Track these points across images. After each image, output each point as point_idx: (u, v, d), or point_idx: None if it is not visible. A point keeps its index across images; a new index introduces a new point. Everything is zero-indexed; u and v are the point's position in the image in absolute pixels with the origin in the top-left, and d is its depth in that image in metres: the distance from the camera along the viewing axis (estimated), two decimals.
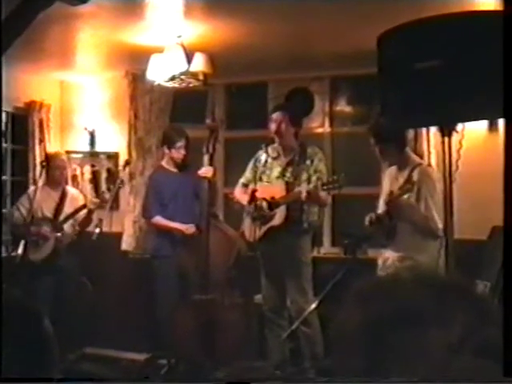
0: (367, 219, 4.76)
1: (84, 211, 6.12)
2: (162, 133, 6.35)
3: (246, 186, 5.52)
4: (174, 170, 6.02)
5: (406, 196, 4.47)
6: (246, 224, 5.39)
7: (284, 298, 5.43)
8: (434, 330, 0.97)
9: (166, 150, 6.02)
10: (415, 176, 4.51)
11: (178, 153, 5.93)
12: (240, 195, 5.49)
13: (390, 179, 4.87)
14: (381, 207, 4.82)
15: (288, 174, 5.31)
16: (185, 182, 5.93)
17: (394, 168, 4.85)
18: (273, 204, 5.20)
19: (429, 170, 4.81)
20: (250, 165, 5.52)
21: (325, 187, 4.92)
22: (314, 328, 5.21)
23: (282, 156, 5.42)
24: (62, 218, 6.16)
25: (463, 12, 2.54)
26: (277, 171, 5.38)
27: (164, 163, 6.10)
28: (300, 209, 5.24)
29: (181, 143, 5.91)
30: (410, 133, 5.71)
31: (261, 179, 5.43)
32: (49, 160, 6.33)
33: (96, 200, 6.12)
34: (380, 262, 4.82)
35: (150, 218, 6.06)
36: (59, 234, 6.08)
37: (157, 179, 6.10)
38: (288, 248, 5.25)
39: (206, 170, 5.59)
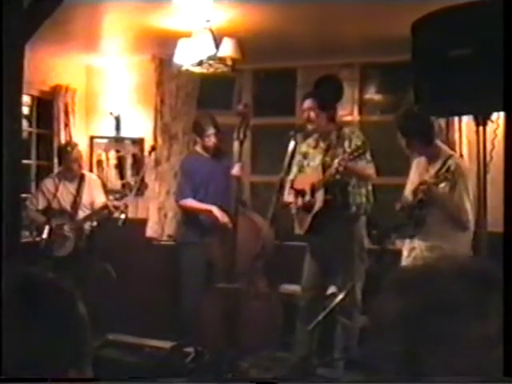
0: (398, 206, 4.75)
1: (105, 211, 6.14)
2: (193, 121, 6.37)
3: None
4: (207, 155, 6.06)
5: (442, 185, 4.44)
6: (295, 219, 5.41)
7: (324, 289, 5.40)
8: (472, 322, 0.97)
9: (197, 138, 6.07)
10: (451, 165, 4.48)
11: (209, 141, 5.97)
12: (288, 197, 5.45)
13: (418, 170, 4.84)
14: (407, 197, 4.79)
15: (328, 158, 5.29)
16: (216, 168, 5.97)
17: (423, 159, 4.82)
18: (312, 191, 5.19)
19: (462, 162, 4.79)
20: (295, 160, 5.45)
21: (351, 156, 4.89)
22: (353, 320, 5.18)
23: (321, 142, 5.42)
24: (80, 214, 6.19)
25: None
26: (318, 159, 5.37)
27: (198, 148, 6.15)
28: (344, 191, 5.20)
29: (210, 131, 5.94)
30: (441, 123, 5.67)
31: (305, 171, 5.44)
32: (65, 150, 6.35)
33: (118, 204, 6.10)
34: (405, 251, 4.81)
35: (183, 199, 6.09)
36: (79, 233, 6.11)
37: (189, 163, 6.16)
38: (337, 236, 5.17)
39: (237, 170, 5.58)
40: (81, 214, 6.23)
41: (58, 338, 1.20)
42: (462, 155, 5.49)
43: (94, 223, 6.23)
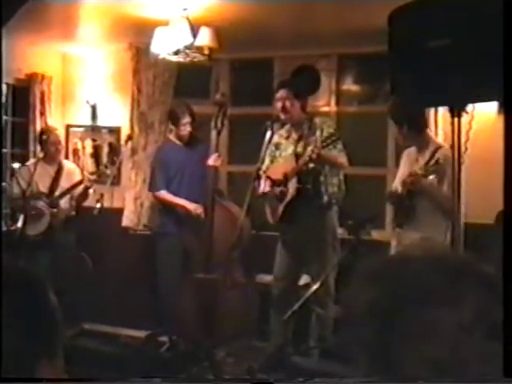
0: (387, 194, 4.78)
1: (80, 187, 6.13)
2: (168, 108, 6.36)
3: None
4: (181, 143, 6.05)
5: (430, 177, 4.47)
6: (267, 209, 5.41)
7: (297, 278, 5.43)
8: (444, 310, 0.97)
9: (172, 127, 6.06)
10: (440, 158, 4.50)
11: (184, 130, 5.95)
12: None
13: (409, 160, 4.89)
14: (396, 187, 4.83)
15: (300, 149, 5.30)
16: (191, 157, 5.97)
17: (413, 149, 4.87)
18: (285, 180, 5.19)
19: (450, 152, 4.80)
20: (268, 151, 5.41)
21: (324, 143, 4.92)
22: (327, 310, 5.20)
23: (293, 133, 5.42)
24: (57, 193, 6.17)
25: None
26: (290, 149, 5.38)
27: (171, 137, 6.13)
28: (316, 180, 5.22)
29: (185, 120, 5.93)
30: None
31: (277, 161, 5.44)
32: (43, 135, 6.34)
33: (92, 177, 6.12)
34: (394, 241, 4.84)
35: (156, 191, 6.08)
36: (54, 210, 6.09)
37: (163, 151, 6.15)
38: (309, 225, 5.19)
39: (214, 160, 5.58)
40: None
41: (28, 328, 1.19)
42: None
43: (72, 212, 6.21)
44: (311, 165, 5.06)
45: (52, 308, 1.25)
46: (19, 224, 5.95)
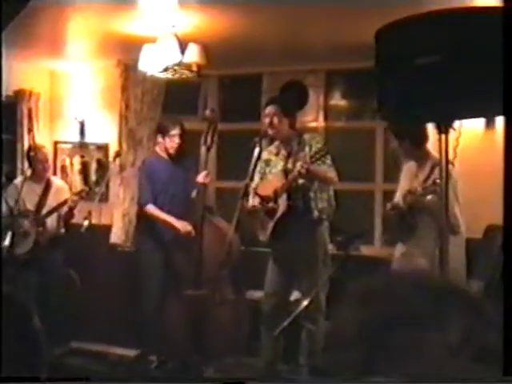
0: (388, 206, 4.79)
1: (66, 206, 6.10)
2: (157, 121, 6.36)
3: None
4: (168, 158, 6.04)
5: (429, 196, 4.47)
6: (257, 225, 5.40)
7: (287, 294, 5.42)
8: (431, 333, 0.97)
9: (160, 139, 6.05)
10: (437, 174, 4.51)
11: (172, 141, 5.95)
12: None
13: (409, 175, 4.89)
14: (398, 201, 4.83)
15: (289, 165, 5.29)
16: (177, 172, 5.96)
17: (412, 164, 4.87)
18: (275, 197, 5.19)
19: (450, 168, 4.78)
20: (257, 167, 5.40)
21: (313, 159, 4.92)
22: (318, 326, 5.19)
23: (282, 149, 5.43)
24: (44, 211, 6.13)
25: (464, 7, 2.53)
26: (280, 165, 5.38)
27: (158, 150, 6.11)
28: (306, 196, 5.22)
29: (175, 131, 5.93)
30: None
31: (267, 178, 5.44)
32: (31, 152, 6.32)
33: (75, 198, 6.07)
34: (397, 255, 4.83)
35: (143, 205, 6.05)
36: (40, 229, 6.05)
37: (149, 165, 6.13)
38: (300, 241, 5.18)
39: (204, 177, 5.57)
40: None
41: (11, 351, 1.17)
42: (451, 162, 5.54)
43: (62, 230, 6.18)
44: (301, 180, 5.07)
45: (35, 332, 1.23)
46: (6, 242, 5.92)
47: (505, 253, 2.05)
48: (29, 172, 6.36)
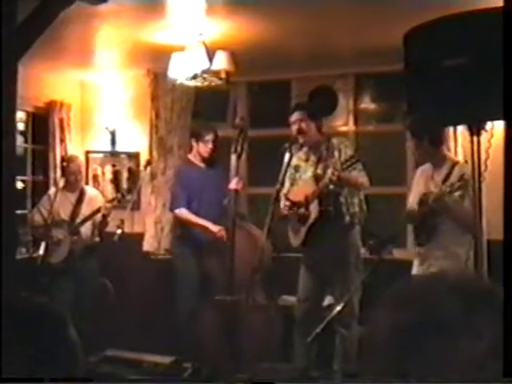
0: (404, 213, 4.74)
1: (100, 214, 6.14)
2: (190, 127, 6.37)
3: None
4: (201, 164, 6.07)
5: (456, 193, 4.42)
6: (289, 231, 5.41)
7: (320, 300, 5.41)
8: (463, 340, 0.96)
9: (194, 144, 6.09)
10: (460, 173, 4.45)
11: (206, 146, 5.98)
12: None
13: (423, 178, 4.84)
14: (411, 206, 4.79)
15: (319, 171, 5.29)
16: (210, 178, 5.98)
17: (427, 166, 4.82)
18: (306, 203, 5.18)
19: (469, 168, 4.71)
20: (287, 173, 5.39)
21: (344, 166, 4.89)
22: (351, 331, 5.16)
23: (312, 155, 5.42)
24: (78, 220, 6.18)
25: (492, 8, 2.51)
26: (310, 171, 5.37)
27: (191, 157, 6.15)
28: (337, 201, 5.20)
29: (209, 137, 5.97)
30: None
31: (297, 184, 5.43)
32: (64, 163, 6.38)
33: (109, 205, 6.12)
34: (417, 260, 4.78)
35: (176, 209, 6.07)
36: (75, 237, 6.10)
37: (183, 172, 6.16)
38: (332, 247, 5.16)
39: (236, 183, 5.60)
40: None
41: (47, 364, 1.18)
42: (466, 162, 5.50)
43: (96, 238, 6.23)
44: (331, 186, 5.05)
45: (71, 344, 1.24)
46: (41, 251, 5.98)
47: (505, 252, 2.04)
48: (61, 182, 6.41)
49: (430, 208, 4.54)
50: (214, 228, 5.72)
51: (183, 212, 5.98)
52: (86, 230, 6.21)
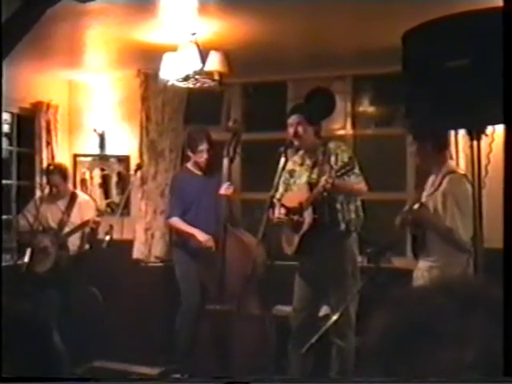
0: (397, 221, 4.73)
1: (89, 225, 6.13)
2: (186, 135, 6.37)
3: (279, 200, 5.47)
4: (199, 172, 6.08)
5: (430, 205, 4.44)
6: (282, 239, 5.41)
7: (316, 309, 5.40)
8: (457, 346, 0.97)
9: (190, 154, 6.08)
10: (444, 184, 4.48)
11: (201, 157, 5.97)
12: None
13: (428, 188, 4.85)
14: (405, 215, 4.80)
15: (314, 176, 5.30)
16: (207, 186, 5.97)
17: (433, 178, 4.83)
18: (300, 209, 5.17)
19: (460, 179, 4.70)
20: (282, 178, 5.39)
21: (338, 173, 4.88)
22: (348, 342, 5.17)
23: (307, 159, 5.41)
24: (66, 230, 6.16)
25: (493, 8, 2.52)
26: (305, 176, 5.37)
27: (189, 165, 6.16)
28: (332, 208, 5.20)
29: (202, 147, 5.95)
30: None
31: (292, 189, 5.43)
32: (50, 167, 6.36)
33: (97, 219, 6.11)
34: (415, 269, 4.80)
35: (168, 218, 6.14)
36: (61, 247, 6.08)
37: (180, 180, 6.17)
38: (328, 255, 5.14)
39: (226, 189, 5.61)
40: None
41: (30, 370, 1.19)
42: (465, 174, 5.51)
43: (86, 246, 6.23)
44: (325, 194, 5.04)
45: (56, 351, 1.25)
46: (26, 259, 5.97)
47: (505, 253, 2.05)
48: (47, 188, 6.39)
49: (413, 219, 4.55)
50: (202, 237, 5.74)
51: (174, 220, 6.01)
52: (73, 239, 6.19)
